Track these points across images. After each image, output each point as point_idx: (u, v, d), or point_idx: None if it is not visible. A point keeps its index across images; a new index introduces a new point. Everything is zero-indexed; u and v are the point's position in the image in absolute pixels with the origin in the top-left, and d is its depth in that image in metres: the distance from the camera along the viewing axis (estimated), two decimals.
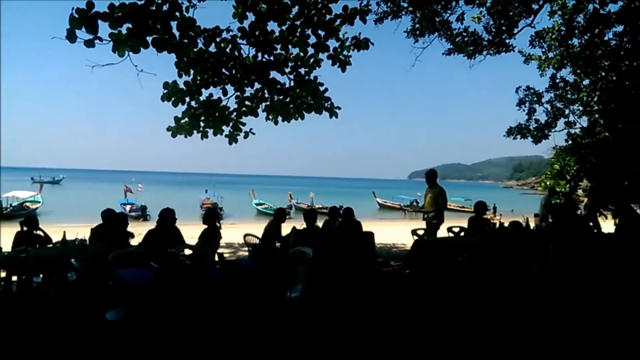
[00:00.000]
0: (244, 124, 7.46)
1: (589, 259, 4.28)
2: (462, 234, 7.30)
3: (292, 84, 7.38)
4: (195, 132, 7.34)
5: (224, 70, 6.76)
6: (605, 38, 9.50)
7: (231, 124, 7.41)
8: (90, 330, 3.64)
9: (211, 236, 5.56)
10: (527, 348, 3.57)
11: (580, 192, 10.86)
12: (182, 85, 6.73)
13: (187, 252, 4.81)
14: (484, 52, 10.90)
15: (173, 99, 6.77)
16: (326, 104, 7.56)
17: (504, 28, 10.18)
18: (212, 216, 5.81)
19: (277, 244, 6.26)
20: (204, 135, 7.39)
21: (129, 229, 6.09)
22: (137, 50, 5.39)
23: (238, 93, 7.23)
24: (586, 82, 10.71)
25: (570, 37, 10.14)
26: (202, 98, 7.03)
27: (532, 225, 6.80)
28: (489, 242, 5.62)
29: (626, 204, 5.97)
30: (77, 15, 4.69)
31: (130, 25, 5.21)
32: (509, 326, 4.11)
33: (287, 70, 7.18)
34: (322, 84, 7.39)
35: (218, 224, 5.86)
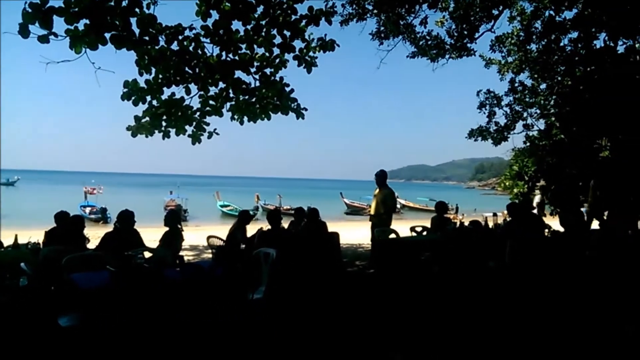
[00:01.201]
0: (207, 124, 7.36)
1: (542, 256, 4.45)
2: (425, 233, 7.43)
3: (257, 84, 7.33)
4: (156, 131, 7.18)
5: (187, 69, 6.64)
6: (561, 44, 9.89)
7: (194, 123, 7.30)
8: (43, 338, 3.49)
9: (172, 238, 5.45)
10: (485, 343, 3.66)
11: (537, 192, 11.22)
12: (142, 84, 6.58)
13: (148, 255, 4.70)
14: (447, 56, 11.18)
15: (133, 97, 6.60)
16: (292, 105, 7.55)
17: (465, 32, 10.46)
18: (174, 218, 5.68)
19: (242, 246, 6.22)
20: (166, 135, 7.23)
21: (89, 232, 5.89)
22: (94, 47, 5.21)
23: (202, 92, 7.13)
24: (543, 86, 11.10)
25: (529, 42, 10.50)
26: (164, 97, 6.88)
27: (490, 224, 7.01)
28: (449, 240, 5.75)
29: (577, 203, 6.22)
30: (30, 10, 4.49)
31: (87, 21, 5.03)
32: (468, 322, 4.21)
33: (253, 70, 7.12)
34: (288, 85, 7.39)
35: (180, 226, 5.73)
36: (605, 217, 4.65)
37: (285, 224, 8.13)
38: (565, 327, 3.69)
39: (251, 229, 6.69)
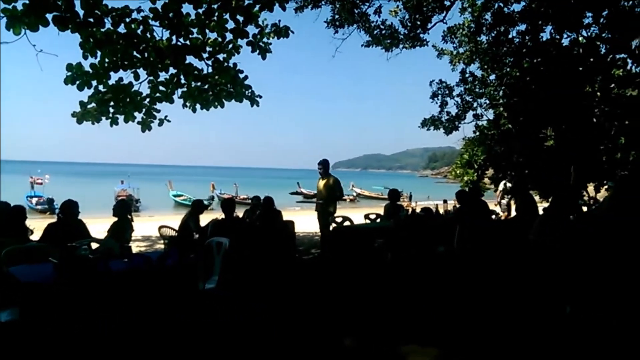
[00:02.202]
0: (158, 111, 7.14)
1: (488, 241, 4.65)
2: (379, 220, 7.56)
3: (210, 70, 7.15)
4: (103, 118, 6.88)
5: (135, 53, 6.38)
6: (510, 36, 10.21)
7: (144, 110, 7.04)
8: None
9: (121, 229, 5.25)
10: (433, 325, 3.78)
11: (486, 180, 11.62)
12: (88, 68, 6.25)
13: (96, 246, 4.52)
14: (400, 46, 11.30)
15: (78, 82, 6.27)
16: (247, 92, 7.43)
17: (418, 23, 10.59)
18: (123, 208, 5.48)
19: (196, 236, 6.09)
20: (114, 122, 6.94)
21: (36, 223, 5.59)
22: (35, 28, 4.93)
23: (151, 78, 6.88)
24: (492, 77, 11.42)
25: (479, 33, 10.75)
26: (111, 82, 6.59)
27: (441, 210, 7.23)
28: (402, 227, 5.88)
29: (524, 188, 6.51)
30: None
31: (26, 1, 4.73)
32: (417, 306, 4.34)
33: (205, 55, 6.93)
34: (242, 71, 7.25)
35: (130, 216, 5.54)
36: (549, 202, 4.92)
37: (242, 213, 8.07)
38: (507, 308, 3.87)
39: (207, 219, 6.57)
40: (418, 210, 8.14)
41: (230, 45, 7.04)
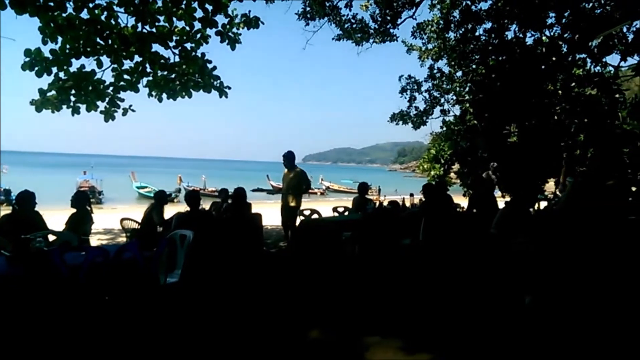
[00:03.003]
0: (122, 100, 6.91)
1: (451, 234, 4.76)
2: (347, 213, 7.61)
3: (177, 59, 6.99)
4: (64, 107, 6.62)
5: (98, 39, 6.15)
6: (477, 33, 10.41)
7: (107, 99, 6.80)
8: None
9: (80, 221, 5.07)
10: (397, 317, 3.83)
11: (452, 174, 11.86)
12: (47, 54, 5.99)
13: (53, 238, 4.35)
14: (371, 40, 11.36)
15: (37, 68, 6.01)
16: (215, 83, 7.30)
17: (388, 18, 10.65)
18: (81, 199, 5.27)
19: (160, 229, 5.95)
20: (76, 111, 6.69)
21: None
22: None
23: (115, 65, 6.64)
24: (459, 73, 11.65)
25: (447, 30, 10.91)
26: (72, 69, 6.34)
27: (407, 204, 7.33)
28: (369, 220, 5.93)
29: (481, 182, 6.70)
30: None
31: None
32: (383, 297, 4.39)
33: (172, 44, 6.76)
34: (210, 61, 7.12)
35: (89, 208, 5.34)
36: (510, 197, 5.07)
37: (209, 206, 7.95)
38: (468, 299, 3.97)
39: (174, 212, 6.42)
40: (385, 203, 8.24)
41: (199, 35, 6.89)
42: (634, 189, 6.58)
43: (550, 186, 10.63)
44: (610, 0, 8.03)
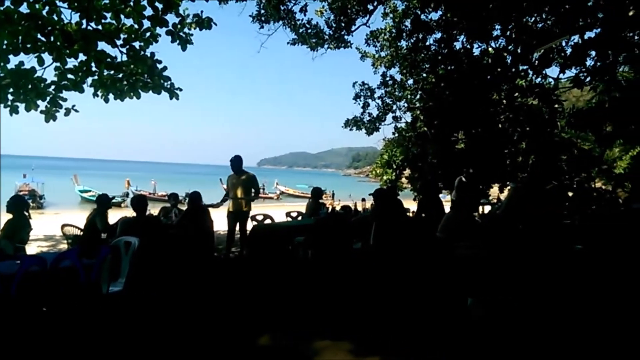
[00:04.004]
0: (65, 100, 6.56)
1: (400, 238, 4.86)
2: (300, 218, 7.60)
3: (124, 58, 6.75)
4: (1, 105, 6.22)
5: (39, 36, 5.83)
6: (427, 43, 10.74)
7: (48, 98, 6.46)
8: None
9: (16, 227, 4.75)
10: (347, 320, 3.86)
11: (404, 179, 12.12)
12: None
13: None
14: (326, 46, 11.44)
15: None
16: (165, 84, 7.10)
17: (343, 24, 10.79)
18: (18, 204, 4.95)
19: (104, 235, 5.67)
20: (14, 111, 6.29)
21: None
22: None
23: (58, 64, 6.32)
24: (410, 82, 11.94)
25: (399, 39, 11.17)
26: (10, 66, 5.98)
27: (359, 208, 7.42)
28: (322, 225, 5.95)
29: (428, 187, 6.92)
30: None
31: None
32: (334, 301, 4.41)
33: (119, 42, 6.52)
34: (160, 61, 6.91)
35: (27, 213, 5.02)
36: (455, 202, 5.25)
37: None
38: (416, 301, 4.06)
39: (120, 217, 6.15)
40: (338, 208, 8.30)
41: (148, 34, 6.68)
42: (570, 194, 6.98)
43: (494, 191, 11.08)
44: (550, 15, 8.51)
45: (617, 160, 20.40)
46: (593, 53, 8.03)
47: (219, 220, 6.86)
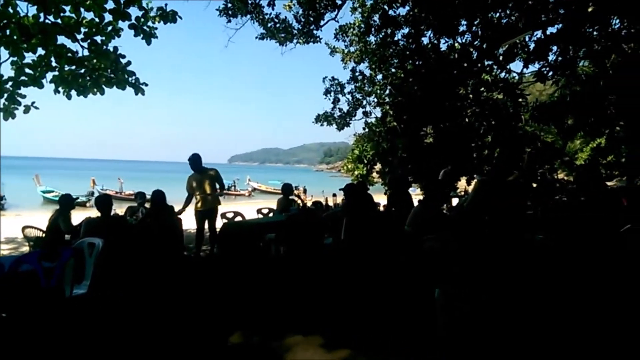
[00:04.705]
0: (23, 96, 6.34)
1: (371, 232, 4.92)
2: (271, 214, 7.56)
3: (86, 52, 6.55)
4: None
5: None
6: (395, 38, 10.81)
7: (6, 95, 6.22)
8: None
9: None
10: (319, 316, 3.87)
11: (375, 174, 12.22)
12: None
13: None
14: (295, 40, 11.37)
15: None
16: (130, 79, 6.93)
17: (311, 19, 10.74)
18: None
19: (68, 237, 5.49)
20: None
21: None
22: None
23: (15, 58, 6.09)
24: (380, 77, 12.02)
25: (368, 34, 11.21)
26: None
27: (330, 203, 7.45)
28: (293, 221, 5.94)
29: (397, 181, 7.02)
30: None
31: None
32: (305, 297, 4.42)
33: (80, 36, 6.33)
34: (124, 56, 6.74)
35: None
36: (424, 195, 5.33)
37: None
38: (387, 294, 4.11)
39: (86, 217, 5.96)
40: (309, 204, 8.32)
41: (110, 27, 6.51)
42: (534, 185, 7.19)
43: (462, 184, 11.31)
44: (514, 11, 8.70)
45: (578, 152, 21.19)
46: (555, 48, 8.26)
47: (188, 219, 6.74)
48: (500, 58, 9.00)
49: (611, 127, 10.46)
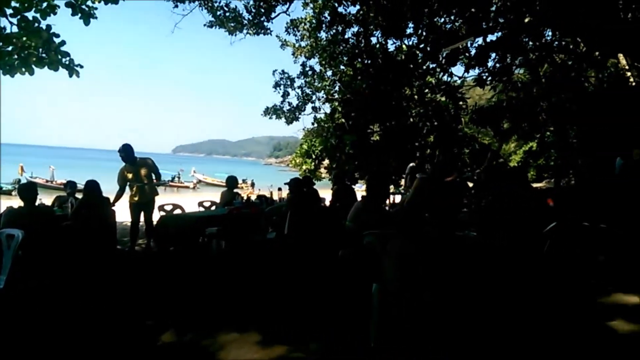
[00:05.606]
0: None
1: (314, 226, 4.97)
2: (214, 208, 7.41)
3: (15, 29, 6.11)
4: None
5: None
6: (346, 36, 10.92)
7: None
8: None
9: None
10: (256, 312, 3.84)
11: (322, 169, 12.31)
12: None
13: None
14: (245, 31, 11.20)
15: None
16: (64, 60, 6.55)
17: (262, 10, 10.62)
18: None
19: None
20: None
21: None
22: None
23: None
24: (329, 73, 12.09)
25: (319, 30, 11.25)
26: None
27: (275, 197, 7.41)
28: (236, 215, 5.86)
29: (342, 176, 7.14)
30: None
31: None
32: (243, 293, 4.37)
33: (9, 11, 5.90)
34: (57, 35, 6.36)
35: None
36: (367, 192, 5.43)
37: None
38: (326, 289, 4.15)
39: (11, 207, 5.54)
40: (253, 197, 8.23)
41: (45, 4, 6.11)
42: (470, 184, 7.51)
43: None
44: (457, 17, 9.03)
45: (512, 154, 22.46)
46: (494, 55, 8.67)
47: (123, 212, 6.46)
48: (443, 62, 9.32)
49: (542, 132, 11.14)
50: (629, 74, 8.44)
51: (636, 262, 4.86)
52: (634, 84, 8.18)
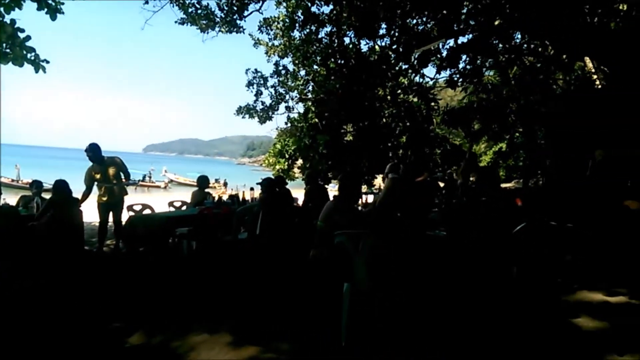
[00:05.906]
0: None
1: (286, 226, 4.97)
2: (184, 207, 7.30)
3: None
4: None
5: None
6: (319, 36, 10.93)
7: None
8: None
9: None
10: (227, 312, 3.80)
11: (296, 169, 12.30)
12: None
13: None
14: (217, 29, 11.06)
15: None
16: (29, 55, 6.32)
17: (235, 8, 10.51)
18: None
19: None
20: None
21: None
22: None
23: None
24: (302, 72, 12.08)
25: (292, 29, 11.22)
26: None
27: (247, 197, 7.35)
28: (208, 215, 5.78)
29: (314, 176, 7.16)
30: None
31: None
32: (214, 294, 4.33)
33: None
34: (22, 30, 6.13)
35: None
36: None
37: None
38: (299, 289, 4.14)
39: None
40: (225, 197, 8.15)
41: None
42: (442, 184, 7.63)
43: (378, 182, 11.75)
44: (429, 19, 9.16)
45: (482, 154, 22.97)
46: (465, 57, 8.83)
47: (90, 212, 6.29)
48: (415, 63, 9.44)
49: (512, 133, 11.43)
50: (595, 76, 8.73)
51: (601, 260, 5.05)
52: (599, 86, 8.47)
